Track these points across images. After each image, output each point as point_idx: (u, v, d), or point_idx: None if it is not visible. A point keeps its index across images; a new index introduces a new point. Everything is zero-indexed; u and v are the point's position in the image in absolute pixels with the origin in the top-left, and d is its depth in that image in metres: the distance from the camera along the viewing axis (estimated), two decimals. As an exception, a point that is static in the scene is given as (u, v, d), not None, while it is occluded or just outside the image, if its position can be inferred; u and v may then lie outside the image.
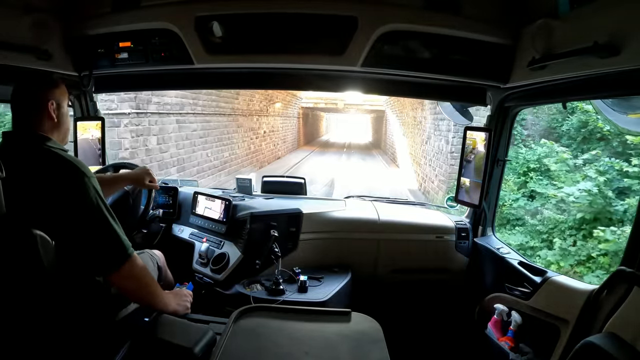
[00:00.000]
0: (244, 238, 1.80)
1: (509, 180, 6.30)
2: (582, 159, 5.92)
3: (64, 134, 1.18)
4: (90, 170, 1.08)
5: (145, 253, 1.47)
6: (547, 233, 5.70)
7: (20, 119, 1.10)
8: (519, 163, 6.49)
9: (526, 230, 5.91)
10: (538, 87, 1.45)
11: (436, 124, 9.08)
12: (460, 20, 1.42)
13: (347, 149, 23.34)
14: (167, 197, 2.08)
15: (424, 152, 10.52)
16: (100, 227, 1.04)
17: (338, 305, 1.65)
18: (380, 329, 1.05)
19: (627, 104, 1.31)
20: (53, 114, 1.12)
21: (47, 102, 1.11)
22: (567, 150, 6.23)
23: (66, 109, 1.18)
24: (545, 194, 5.94)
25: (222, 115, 9.04)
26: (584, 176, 5.64)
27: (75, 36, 1.61)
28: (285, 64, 1.60)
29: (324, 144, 27.29)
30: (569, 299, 1.30)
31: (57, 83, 1.16)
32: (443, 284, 2.05)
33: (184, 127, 7.15)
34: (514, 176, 6.44)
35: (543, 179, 6.24)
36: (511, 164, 6.40)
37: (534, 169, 6.38)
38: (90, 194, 1.04)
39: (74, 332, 1.04)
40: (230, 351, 0.93)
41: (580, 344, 0.97)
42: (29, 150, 1.05)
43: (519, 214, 6.13)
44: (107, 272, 1.06)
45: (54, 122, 1.13)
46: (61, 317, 1.02)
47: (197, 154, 7.71)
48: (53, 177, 1.02)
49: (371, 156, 20.33)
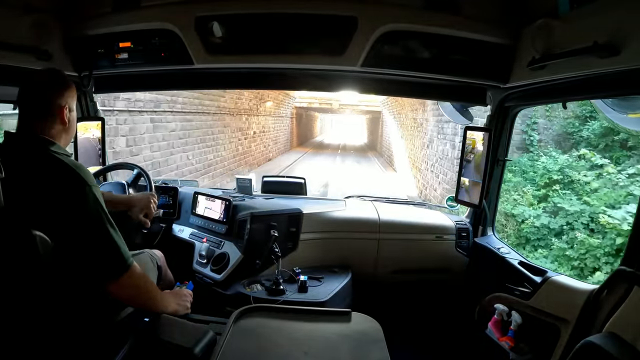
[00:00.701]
0: (244, 238, 1.80)
1: (527, 192, 5.58)
2: (627, 173, 4.87)
3: (70, 137, 1.16)
4: (93, 178, 1.06)
5: (145, 253, 1.47)
6: (578, 259, 4.68)
7: (27, 121, 1.07)
8: (537, 173, 5.68)
9: (551, 254, 4.97)
10: (538, 87, 1.45)
11: (440, 126, 8.44)
12: (460, 20, 1.42)
13: (341, 151, 22.74)
14: (167, 197, 2.08)
15: (426, 156, 9.85)
16: (99, 237, 1.02)
17: (338, 305, 1.65)
18: (380, 329, 1.05)
19: (627, 103, 1.31)
20: (66, 119, 1.10)
21: (62, 107, 1.08)
22: (609, 162, 5.12)
23: (75, 111, 1.16)
24: (572, 211, 5.05)
25: (205, 114, 8.32)
26: (627, 194, 4.64)
27: (75, 36, 1.61)
28: (285, 64, 1.60)
29: (318, 145, 26.53)
30: (569, 298, 1.30)
31: (69, 85, 1.12)
32: (443, 284, 2.05)
33: (160, 127, 6.44)
34: (533, 188, 5.63)
35: (568, 192, 5.34)
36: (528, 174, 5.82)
37: (557, 181, 5.51)
38: (90, 203, 1.02)
39: (74, 332, 1.04)
40: (230, 351, 0.93)
41: (581, 343, 0.97)
42: (31, 153, 1.03)
43: (540, 233, 5.25)
44: (105, 282, 1.04)
45: (64, 127, 1.10)
46: (61, 317, 1.02)
47: (175, 157, 7.04)
48: (54, 184, 1.00)
49: (366, 159, 19.69)
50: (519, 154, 6.18)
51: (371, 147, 26.34)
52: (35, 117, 1.07)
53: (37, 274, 0.96)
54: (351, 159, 18.91)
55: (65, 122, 1.10)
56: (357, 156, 20.60)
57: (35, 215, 0.98)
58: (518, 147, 6.25)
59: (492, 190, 1.88)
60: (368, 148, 26.67)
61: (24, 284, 0.97)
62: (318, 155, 19.71)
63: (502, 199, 5.50)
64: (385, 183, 12.06)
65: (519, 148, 6.25)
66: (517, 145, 6.25)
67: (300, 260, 1.86)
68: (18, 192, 0.97)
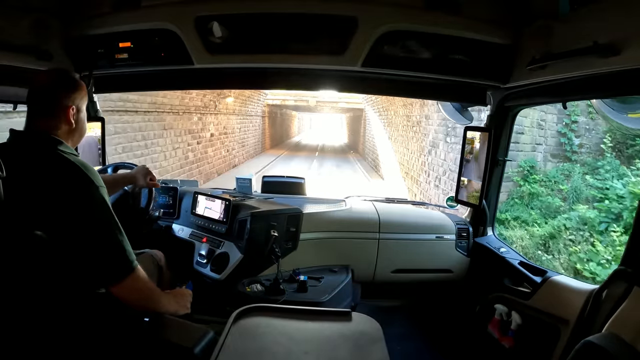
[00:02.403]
0: (244, 238, 1.80)
1: (617, 235, 3.50)
2: None
3: (78, 138, 1.16)
4: (100, 179, 1.06)
5: (145, 253, 1.47)
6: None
7: (35, 120, 1.07)
8: (609, 200, 3.68)
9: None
10: (538, 87, 1.45)
11: (448, 126, 6.35)
12: (460, 20, 1.42)
13: (319, 153, 20.62)
14: (167, 197, 2.09)
15: (426, 164, 7.66)
16: (105, 239, 1.02)
17: (338, 305, 1.65)
18: (380, 329, 1.05)
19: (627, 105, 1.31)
20: (72, 119, 1.09)
21: (68, 108, 1.08)
22: None
23: (84, 112, 1.16)
24: None
25: (132, 113, 6.19)
26: None
27: (75, 36, 1.61)
28: (285, 64, 1.60)
29: (294, 147, 24.14)
30: (569, 298, 1.30)
31: (78, 86, 1.13)
32: (443, 284, 2.05)
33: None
34: (620, 228, 3.64)
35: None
36: (581, 195, 4.24)
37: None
38: (97, 204, 1.01)
39: (74, 332, 1.04)
40: (230, 351, 0.93)
41: (581, 343, 0.96)
42: (39, 152, 1.03)
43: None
44: (109, 284, 1.04)
45: (71, 127, 1.10)
46: (60, 316, 1.02)
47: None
48: (61, 183, 1.00)
49: (347, 162, 17.52)
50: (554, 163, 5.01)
51: (352, 148, 24.11)
52: (41, 116, 1.07)
53: (37, 273, 0.96)
54: (330, 162, 16.59)
55: (72, 123, 1.10)
56: (337, 159, 18.41)
57: (39, 214, 0.98)
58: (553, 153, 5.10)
59: (491, 190, 1.88)
60: (349, 149, 24.42)
61: (23, 283, 0.97)
62: (293, 158, 17.53)
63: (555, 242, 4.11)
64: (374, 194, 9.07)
65: (555, 155, 5.05)
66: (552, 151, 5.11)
67: (300, 260, 1.86)
68: (23, 191, 0.97)
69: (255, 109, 15.30)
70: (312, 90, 1.95)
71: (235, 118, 12.58)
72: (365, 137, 18.74)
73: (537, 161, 5.46)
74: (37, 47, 1.47)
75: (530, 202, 5.13)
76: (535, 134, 5.52)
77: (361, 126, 20.74)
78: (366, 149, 18.16)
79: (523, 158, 5.43)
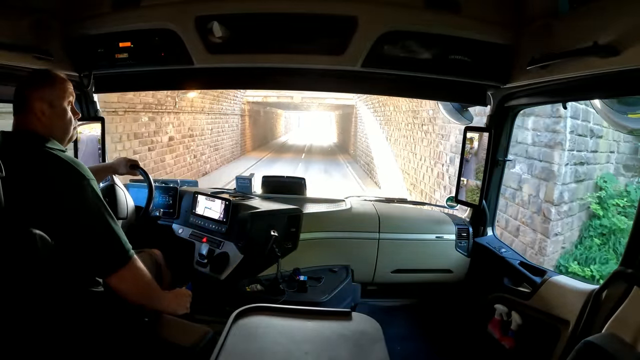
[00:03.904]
0: (244, 238, 1.80)
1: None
2: None
3: (62, 134, 1.15)
4: (90, 173, 1.07)
5: (145, 253, 1.47)
6: None
7: (17, 119, 1.09)
8: None
9: None
10: (538, 87, 1.46)
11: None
12: (460, 21, 1.42)
13: (306, 155, 18.47)
14: (167, 197, 2.09)
15: (446, 178, 5.74)
16: (100, 229, 1.03)
17: (338, 305, 1.65)
18: (380, 329, 1.05)
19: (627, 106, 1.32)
20: (40, 115, 1.08)
21: (35, 104, 1.08)
22: None
23: (62, 108, 1.13)
24: None
25: None
26: None
27: (75, 36, 1.61)
28: (285, 64, 1.60)
29: (280, 148, 22.05)
30: (569, 299, 1.30)
31: (51, 82, 1.12)
32: (443, 284, 2.05)
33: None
34: None
35: None
36: None
37: None
38: (89, 196, 1.03)
39: (74, 331, 1.04)
40: (230, 351, 0.93)
41: (581, 344, 0.96)
42: (26, 151, 1.04)
43: None
44: (106, 274, 1.05)
45: (44, 124, 1.09)
46: (60, 316, 1.02)
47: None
48: (52, 179, 1.01)
49: (337, 165, 15.63)
50: (627, 177, 3.61)
51: (342, 149, 22.01)
52: (15, 114, 1.09)
53: (37, 273, 0.96)
54: (318, 165, 14.70)
55: (40, 119, 1.08)
56: (326, 162, 16.29)
57: (34, 212, 0.98)
58: (626, 164, 3.67)
59: (492, 190, 1.88)
60: (339, 150, 22.19)
61: (23, 283, 0.97)
62: (277, 161, 15.59)
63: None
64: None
65: (629, 168, 3.61)
66: (626, 161, 3.69)
67: (300, 260, 1.86)
68: (16, 190, 0.97)
69: (231, 107, 13.41)
70: (312, 90, 1.95)
71: (204, 117, 10.76)
72: (356, 137, 16.83)
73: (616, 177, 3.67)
74: (37, 47, 1.47)
75: (616, 242, 3.54)
76: (610, 137, 3.74)
77: (352, 125, 18.55)
78: (358, 150, 16.19)
79: (599, 174, 3.65)
